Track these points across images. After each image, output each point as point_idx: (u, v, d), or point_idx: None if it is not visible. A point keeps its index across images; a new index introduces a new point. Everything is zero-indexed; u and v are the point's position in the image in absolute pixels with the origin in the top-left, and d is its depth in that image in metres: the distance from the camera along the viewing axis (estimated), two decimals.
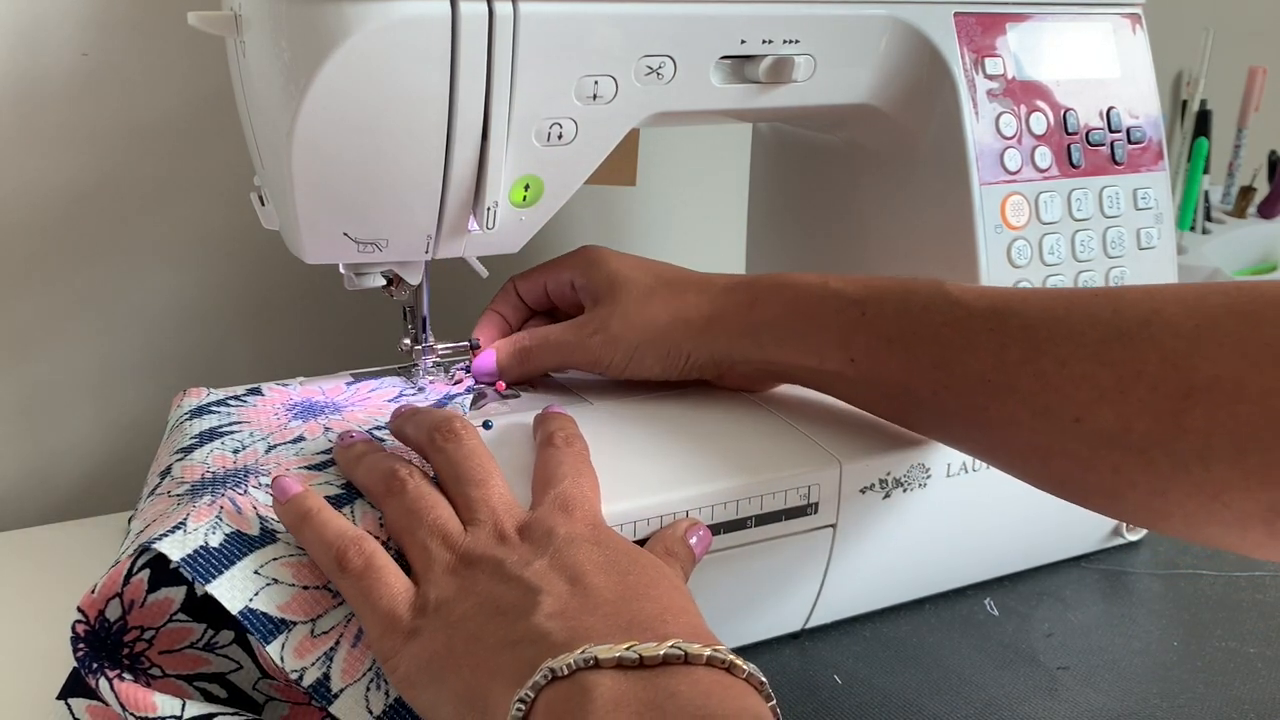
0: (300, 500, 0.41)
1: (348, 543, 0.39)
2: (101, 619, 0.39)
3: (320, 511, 0.41)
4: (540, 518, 0.40)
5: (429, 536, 0.40)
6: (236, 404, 0.52)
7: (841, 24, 0.51)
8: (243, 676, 0.40)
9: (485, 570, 0.38)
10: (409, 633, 0.37)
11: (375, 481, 0.43)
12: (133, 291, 0.68)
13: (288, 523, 0.41)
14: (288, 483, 0.42)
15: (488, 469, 0.42)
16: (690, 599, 0.38)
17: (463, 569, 0.39)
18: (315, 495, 0.41)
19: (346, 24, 0.40)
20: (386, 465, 0.43)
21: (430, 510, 0.41)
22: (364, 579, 0.38)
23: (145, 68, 0.64)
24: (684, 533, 0.44)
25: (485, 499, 0.41)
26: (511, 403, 0.55)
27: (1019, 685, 0.50)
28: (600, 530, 0.41)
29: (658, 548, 0.43)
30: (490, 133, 0.45)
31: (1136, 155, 0.59)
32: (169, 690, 0.39)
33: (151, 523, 0.42)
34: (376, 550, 0.39)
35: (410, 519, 0.41)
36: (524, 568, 0.38)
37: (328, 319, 0.74)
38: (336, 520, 0.40)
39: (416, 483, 0.42)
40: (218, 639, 0.40)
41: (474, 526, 0.40)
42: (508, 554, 0.39)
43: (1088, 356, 0.39)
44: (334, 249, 0.47)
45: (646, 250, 0.87)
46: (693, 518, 0.45)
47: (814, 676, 0.50)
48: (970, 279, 0.54)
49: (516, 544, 0.39)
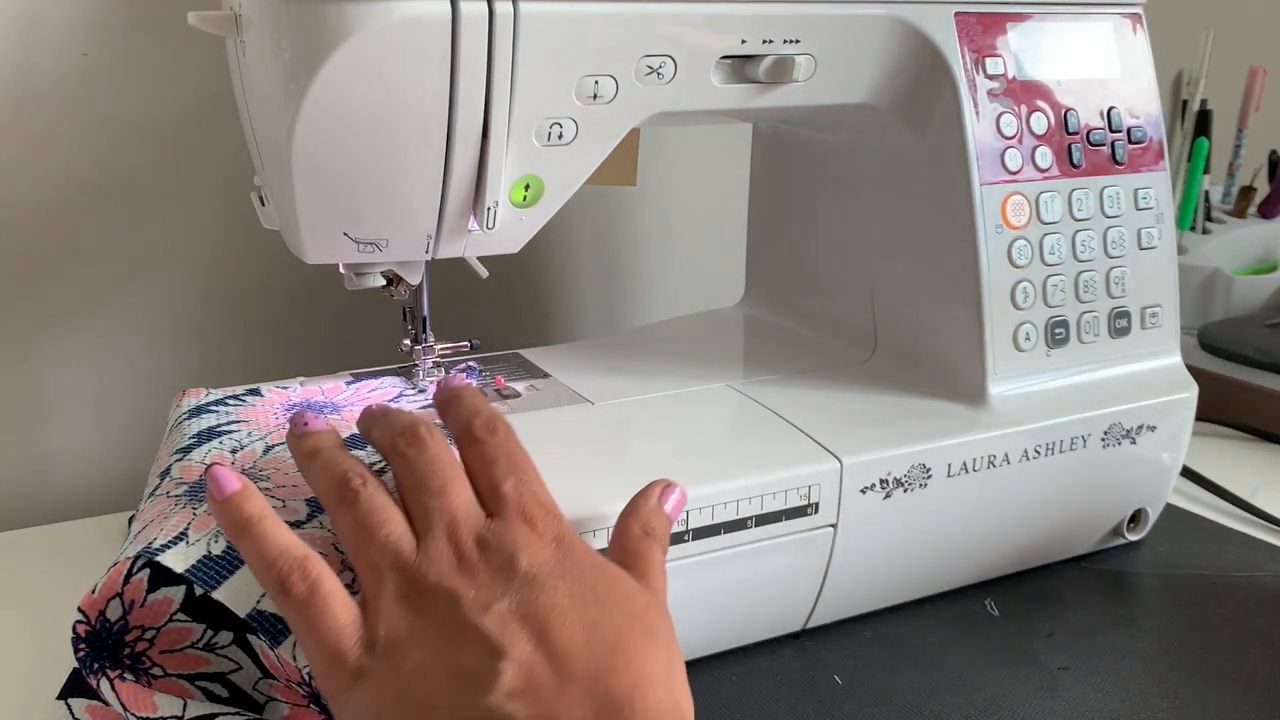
0: (238, 505, 0.38)
1: (290, 565, 0.36)
2: (102, 619, 0.39)
3: (261, 521, 0.37)
4: (500, 533, 0.37)
5: (379, 556, 0.37)
6: (235, 404, 0.52)
7: (842, 24, 0.51)
8: (243, 677, 0.40)
9: (440, 607, 0.35)
10: (355, 673, 0.35)
11: (326, 488, 0.39)
12: (133, 291, 0.68)
13: (223, 526, 0.38)
14: (225, 477, 0.38)
15: (449, 475, 0.39)
16: (662, 631, 0.36)
17: (415, 598, 0.36)
18: (256, 499, 0.38)
19: (346, 24, 0.40)
20: (339, 470, 0.39)
21: (381, 526, 0.37)
22: (308, 608, 0.36)
23: (145, 68, 0.64)
24: (657, 500, 0.42)
25: (443, 508, 0.38)
26: (511, 402, 0.55)
27: (1019, 685, 0.50)
28: (565, 545, 0.38)
29: (634, 527, 0.41)
30: (490, 133, 0.45)
31: (1137, 155, 0.59)
32: (171, 690, 0.39)
33: (149, 523, 0.42)
34: (323, 574, 0.36)
35: (360, 535, 0.38)
36: (483, 612, 0.35)
37: (328, 319, 0.74)
38: (279, 534, 0.37)
39: (369, 493, 0.38)
40: (217, 639, 0.40)
41: (428, 541, 0.37)
42: (465, 588, 0.36)
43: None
44: (334, 249, 0.47)
45: (646, 249, 0.87)
46: (664, 479, 0.43)
47: (814, 676, 0.50)
48: (970, 279, 0.55)
49: (476, 568, 0.36)
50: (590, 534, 0.44)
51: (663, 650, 0.35)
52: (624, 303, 0.88)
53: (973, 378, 0.55)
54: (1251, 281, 0.93)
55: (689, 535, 0.47)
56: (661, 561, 0.40)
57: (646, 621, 0.36)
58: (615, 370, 0.60)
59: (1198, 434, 0.62)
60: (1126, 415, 0.57)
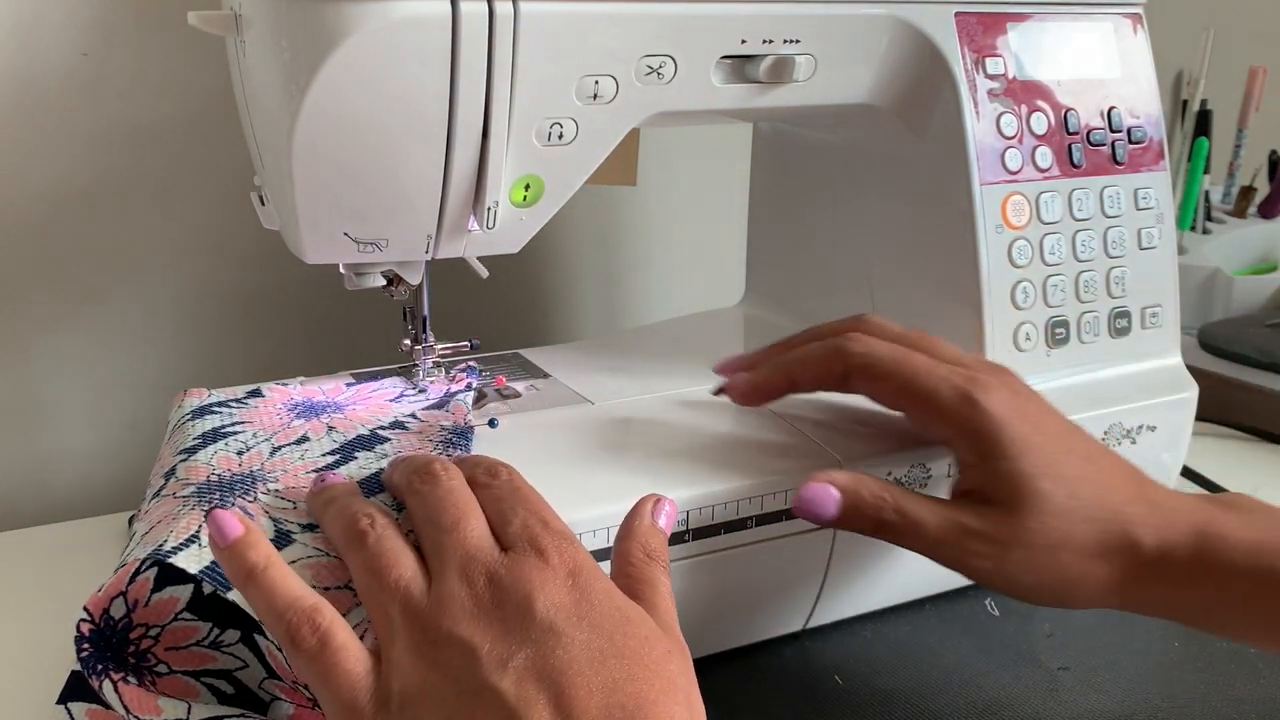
0: (241, 553, 0.37)
1: (300, 618, 0.35)
2: (106, 617, 0.39)
3: (267, 570, 0.36)
4: (514, 570, 0.36)
5: (390, 601, 0.36)
6: (238, 406, 0.52)
7: (842, 24, 0.51)
8: (249, 675, 0.40)
9: (455, 661, 0.34)
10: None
11: (339, 532, 0.39)
12: (133, 292, 0.68)
13: (229, 575, 0.37)
14: (226, 522, 0.37)
15: (463, 509, 0.38)
16: (682, 683, 0.35)
17: (428, 649, 0.35)
18: (260, 545, 0.37)
19: (346, 24, 0.40)
20: (350, 513, 0.39)
21: (391, 569, 0.37)
22: (319, 661, 0.35)
23: (145, 68, 0.64)
24: (650, 519, 0.41)
25: (456, 544, 0.37)
26: (513, 402, 0.55)
27: (1019, 685, 0.50)
28: (580, 582, 0.36)
29: (635, 551, 0.39)
30: (490, 132, 0.45)
31: (1137, 155, 0.59)
32: (176, 687, 0.39)
33: (156, 524, 0.42)
34: (333, 625, 0.35)
35: (370, 578, 0.37)
36: (500, 670, 0.33)
37: (328, 319, 0.74)
38: (286, 583, 0.36)
39: (378, 534, 0.38)
40: (224, 637, 0.40)
41: (440, 583, 0.36)
42: (480, 639, 0.34)
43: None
44: (334, 249, 0.47)
45: (647, 249, 0.87)
46: (653, 494, 0.42)
47: (814, 676, 0.50)
48: (970, 279, 0.55)
49: (490, 615, 0.35)
50: (590, 534, 0.44)
51: (682, 705, 0.34)
52: (624, 303, 0.88)
53: None
54: (1251, 281, 0.93)
55: (689, 535, 0.47)
56: (667, 584, 0.39)
57: (666, 674, 0.35)
58: (615, 370, 0.60)
59: (1198, 434, 0.62)
60: (1126, 415, 0.57)
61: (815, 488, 0.44)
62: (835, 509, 0.44)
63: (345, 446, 0.48)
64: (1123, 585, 0.43)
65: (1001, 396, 0.44)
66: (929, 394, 0.45)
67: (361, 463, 0.46)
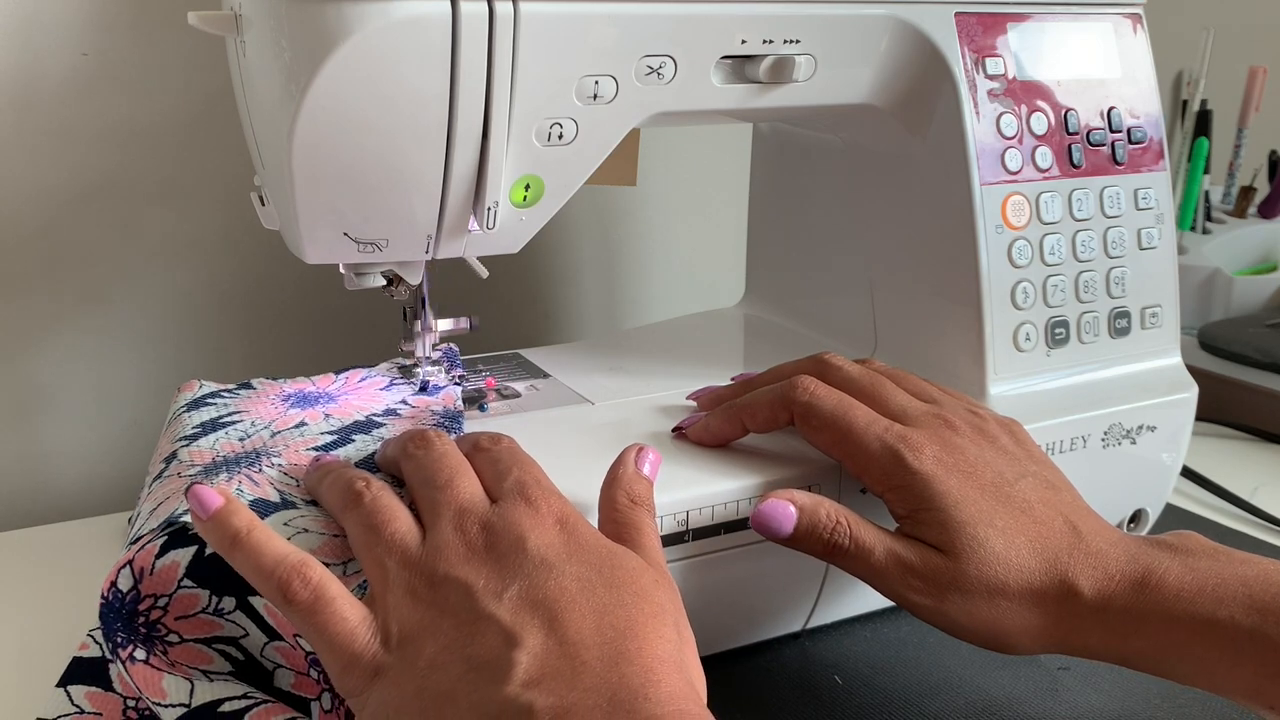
0: (225, 519, 0.37)
1: (289, 572, 0.36)
2: (115, 590, 0.39)
3: (250, 532, 0.37)
4: (505, 515, 0.38)
5: (386, 553, 0.37)
6: (231, 395, 0.53)
7: (842, 24, 0.51)
8: (251, 642, 0.41)
9: (452, 597, 0.35)
10: (373, 671, 0.35)
11: (335, 497, 0.41)
12: (133, 291, 0.68)
13: (215, 545, 0.38)
14: (206, 495, 0.38)
15: (455, 469, 0.40)
16: (670, 608, 0.36)
17: (424, 591, 0.36)
18: (242, 512, 0.38)
19: (346, 24, 0.40)
20: (345, 479, 0.41)
21: (387, 524, 0.38)
22: (315, 613, 0.35)
23: (145, 68, 0.64)
24: (634, 467, 0.43)
25: (449, 499, 0.39)
26: (511, 402, 0.55)
27: (1019, 686, 0.50)
28: (569, 527, 0.38)
29: (620, 497, 0.41)
30: (490, 133, 0.45)
31: (1137, 155, 0.59)
32: (189, 655, 0.40)
33: (164, 500, 0.43)
34: (324, 577, 0.36)
35: (367, 534, 0.38)
36: (496, 600, 0.35)
37: (328, 319, 0.74)
38: (271, 543, 0.37)
39: (374, 494, 0.39)
40: (222, 604, 0.40)
41: (434, 532, 0.38)
42: (475, 577, 0.36)
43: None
44: (334, 249, 0.47)
45: (647, 250, 0.87)
46: (635, 444, 0.44)
47: (814, 677, 0.50)
48: (970, 279, 0.55)
49: (483, 556, 0.37)
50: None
51: (671, 629, 0.36)
52: (624, 303, 0.88)
53: (973, 378, 0.55)
54: (1251, 281, 0.93)
55: (689, 535, 0.47)
56: (653, 526, 0.41)
57: (654, 600, 0.36)
58: (615, 370, 0.60)
59: (1198, 434, 0.62)
60: (1126, 415, 0.57)
61: (774, 504, 0.44)
62: (791, 527, 0.43)
63: (343, 430, 0.49)
64: (1063, 633, 0.43)
65: (932, 453, 0.44)
66: (859, 450, 0.45)
67: (359, 445, 0.47)
